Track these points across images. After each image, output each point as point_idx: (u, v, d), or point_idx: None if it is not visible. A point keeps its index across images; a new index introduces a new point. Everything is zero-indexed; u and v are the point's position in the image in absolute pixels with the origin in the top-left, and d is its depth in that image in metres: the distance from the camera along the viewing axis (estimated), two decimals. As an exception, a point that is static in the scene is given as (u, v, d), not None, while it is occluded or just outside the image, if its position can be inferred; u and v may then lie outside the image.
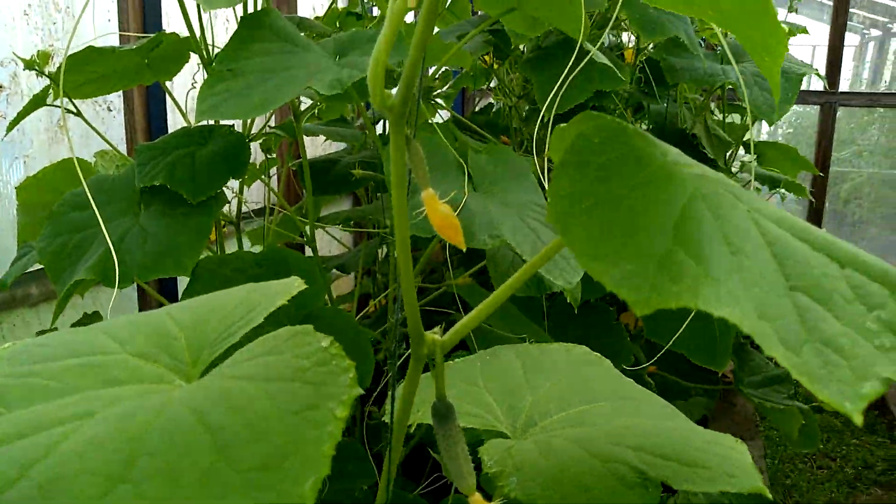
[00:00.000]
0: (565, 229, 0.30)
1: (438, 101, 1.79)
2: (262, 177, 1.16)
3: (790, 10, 1.80)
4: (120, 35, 1.40)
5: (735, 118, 1.99)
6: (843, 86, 6.56)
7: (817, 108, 3.11)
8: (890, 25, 6.83)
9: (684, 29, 1.22)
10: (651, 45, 1.50)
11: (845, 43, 7.21)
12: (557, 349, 0.61)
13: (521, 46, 1.47)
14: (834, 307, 0.30)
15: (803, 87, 3.26)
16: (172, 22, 1.51)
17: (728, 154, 1.69)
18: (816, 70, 1.76)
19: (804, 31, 1.69)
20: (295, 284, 0.38)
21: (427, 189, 0.37)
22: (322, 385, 0.28)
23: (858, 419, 0.26)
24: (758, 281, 0.29)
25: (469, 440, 0.46)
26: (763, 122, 5.59)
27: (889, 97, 3.23)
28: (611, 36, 1.70)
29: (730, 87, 1.61)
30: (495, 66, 1.59)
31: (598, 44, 0.96)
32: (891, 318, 0.30)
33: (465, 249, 0.38)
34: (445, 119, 1.82)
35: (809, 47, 7.13)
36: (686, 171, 0.36)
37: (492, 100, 2.05)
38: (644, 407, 0.53)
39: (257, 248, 1.17)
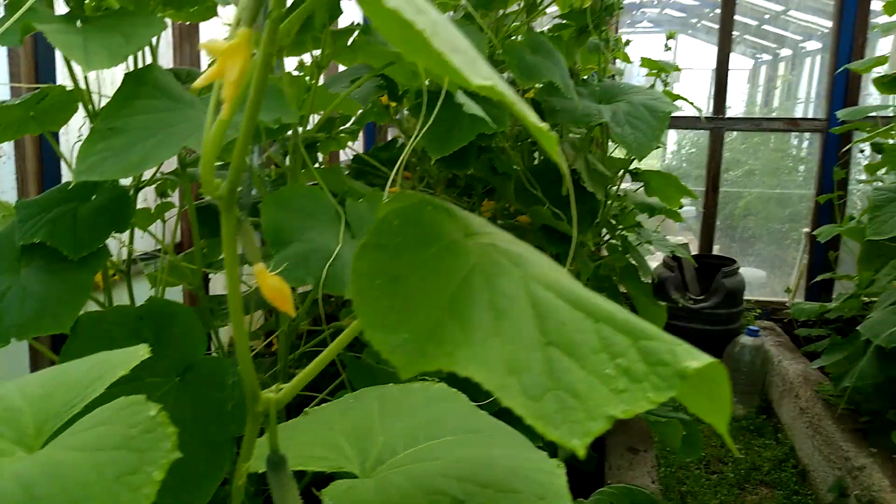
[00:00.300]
0: (359, 306, 0.35)
1: (343, 135, 1.84)
2: (157, 222, 1.18)
3: (666, 49, 1.95)
4: (11, 86, 1.39)
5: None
6: (740, 108, 7.02)
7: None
8: (778, 51, 7.35)
9: (560, 74, 1.32)
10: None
11: (740, 66, 7.65)
12: (417, 388, 0.66)
13: (426, 81, 1.54)
14: (581, 358, 0.37)
15: (695, 114, 3.46)
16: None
17: (610, 185, 1.81)
18: (692, 102, 1.92)
19: (676, 68, 1.83)
20: (139, 353, 0.42)
21: (257, 264, 0.42)
22: (145, 451, 0.33)
23: (581, 452, 0.33)
24: (515, 340, 0.36)
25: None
26: (668, 143, 5.81)
27: (770, 122, 3.49)
28: (507, 73, 1.80)
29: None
30: (392, 105, 1.66)
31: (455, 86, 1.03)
32: (629, 365, 0.37)
33: (293, 315, 0.43)
34: (351, 154, 1.87)
35: (709, 71, 7.60)
36: (475, 243, 0.42)
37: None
38: (487, 438, 0.59)
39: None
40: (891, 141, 2.66)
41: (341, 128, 1.77)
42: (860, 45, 3.08)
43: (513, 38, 1.50)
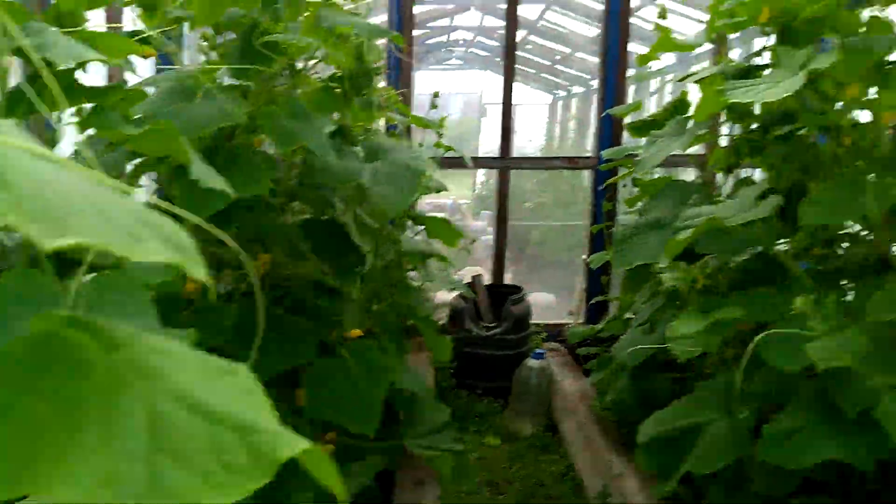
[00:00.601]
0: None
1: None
2: None
3: (433, 107, 2.13)
4: None
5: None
6: (540, 141, 7.63)
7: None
8: (570, 88, 8.10)
9: (317, 138, 1.40)
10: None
11: (541, 101, 8.28)
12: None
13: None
14: (187, 460, 0.44)
15: (483, 155, 3.71)
16: None
17: (391, 231, 1.93)
18: (456, 150, 2.09)
19: (441, 125, 2.01)
20: None
21: None
22: None
23: (164, 549, 0.39)
24: (120, 455, 0.41)
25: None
26: (478, 177, 6.14)
27: (550, 160, 3.86)
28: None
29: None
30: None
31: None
32: (232, 459, 0.45)
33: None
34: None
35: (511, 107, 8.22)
36: (111, 361, 0.47)
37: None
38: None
39: None
40: (648, 177, 3.06)
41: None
42: (622, 89, 3.50)
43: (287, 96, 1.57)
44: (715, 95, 1.74)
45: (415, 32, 7.04)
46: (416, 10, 5.82)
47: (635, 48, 4.16)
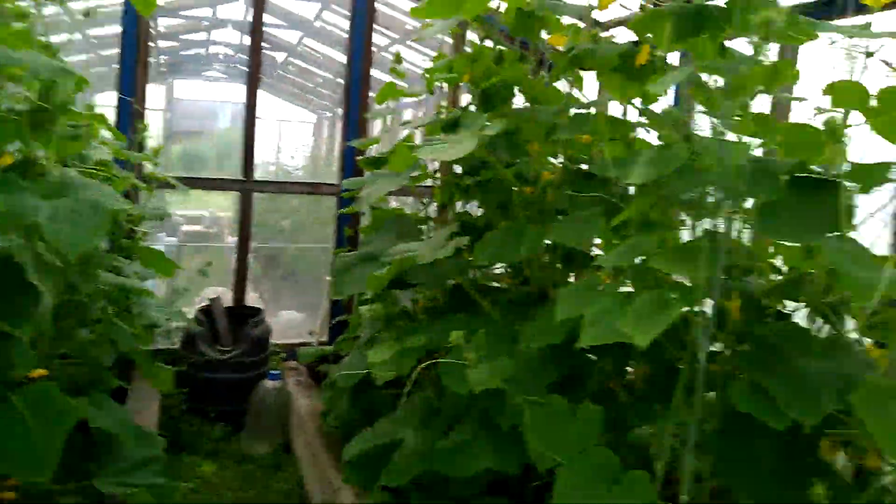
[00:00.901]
0: None
1: None
2: None
3: (140, 138, 2.12)
4: None
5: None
6: (302, 161, 7.68)
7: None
8: (336, 109, 8.27)
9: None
10: None
11: (307, 120, 8.36)
12: None
13: None
14: None
15: (225, 176, 3.70)
16: None
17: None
18: (167, 178, 2.09)
19: (146, 158, 2.00)
20: None
21: None
22: None
23: None
24: None
25: None
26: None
27: (294, 185, 3.94)
28: None
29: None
30: None
31: None
32: None
33: None
34: None
35: (275, 122, 8.18)
36: None
37: None
38: None
39: None
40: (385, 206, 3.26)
41: None
42: (364, 121, 3.69)
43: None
44: (407, 150, 1.94)
45: (165, 43, 6.75)
46: (166, 21, 5.62)
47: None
